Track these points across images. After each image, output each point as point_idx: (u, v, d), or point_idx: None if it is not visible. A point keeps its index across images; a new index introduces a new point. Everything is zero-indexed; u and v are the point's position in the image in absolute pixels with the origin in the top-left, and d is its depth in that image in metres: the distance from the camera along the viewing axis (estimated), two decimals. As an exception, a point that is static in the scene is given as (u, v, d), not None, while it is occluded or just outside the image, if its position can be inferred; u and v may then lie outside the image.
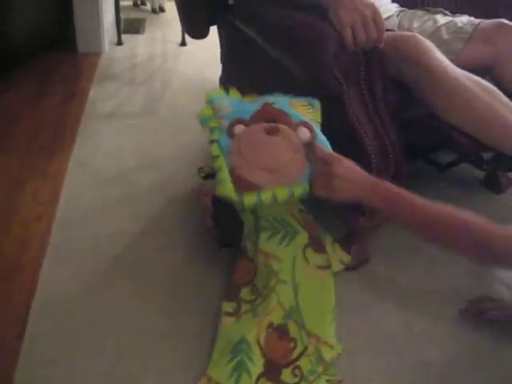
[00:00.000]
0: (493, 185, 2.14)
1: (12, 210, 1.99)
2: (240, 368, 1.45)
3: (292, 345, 1.52)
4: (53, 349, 1.53)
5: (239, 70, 2.13)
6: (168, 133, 2.46)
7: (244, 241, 1.68)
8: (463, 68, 1.61)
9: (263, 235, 1.63)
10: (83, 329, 1.59)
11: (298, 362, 1.50)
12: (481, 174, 2.19)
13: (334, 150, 1.66)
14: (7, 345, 1.54)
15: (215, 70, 2.42)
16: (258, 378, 1.46)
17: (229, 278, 1.71)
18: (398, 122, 1.62)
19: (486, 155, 2.05)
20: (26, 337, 1.55)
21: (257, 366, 1.47)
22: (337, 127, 1.61)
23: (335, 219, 1.79)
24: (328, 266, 1.64)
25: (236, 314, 1.58)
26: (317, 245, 1.65)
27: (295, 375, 1.48)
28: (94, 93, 2.76)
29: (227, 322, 1.57)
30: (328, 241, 1.72)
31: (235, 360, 1.46)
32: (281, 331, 1.54)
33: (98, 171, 2.19)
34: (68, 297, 1.68)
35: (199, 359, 1.53)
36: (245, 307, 1.59)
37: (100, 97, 2.73)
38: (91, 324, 1.61)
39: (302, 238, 1.64)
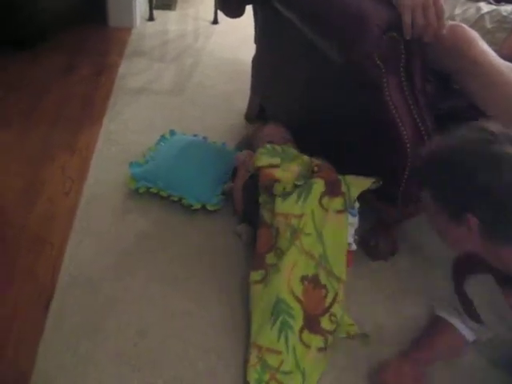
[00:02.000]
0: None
1: (40, 183, 2.00)
2: (285, 327, 1.49)
3: (324, 292, 1.57)
4: (77, 324, 1.54)
5: (273, 52, 2.10)
6: (197, 112, 2.44)
7: (261, 210, 1.70)
8: (506, 58, 1.56)
9: (279, 199, 1.66)
10: (107, 306, 1.60)
11: (331, 309, 1.55)
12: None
13: (368, 137, 1.64)
14: (34, 316, 1.55)
15: (247, 50, 2.39)
16: (300, 331, 1.50)
17: (252, 250, 1.71)
18: (436, 113, 1.58)
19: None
20: (51, 309, 1.57)
21: (297, 321, 1.51)
22: (373, 115, 1.58)
23: (365, 207, 1.76)
24: (344, 210, 1.64)
25: (264, 280, 1.60)
26: (332, 190, 1.66)
27: (332, 322, 1.54)
28: (123, 68, 2.74)
29: (257, 289, 1.59)
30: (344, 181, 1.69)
31: (278, 321, 1.50)
32: (313, 281, 1.58)
33: (126, 147, 2.19)
34: (93, 273, 1.69)
35: (221, 340, 1.54)
36: (270, 271, 1.60)
37: (130, 72, 2.71)
38: (115, 302, 1.61)
39: (318, 187, 1.66)
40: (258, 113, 2.37)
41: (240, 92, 2.51)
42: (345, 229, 1.63)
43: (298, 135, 1.99)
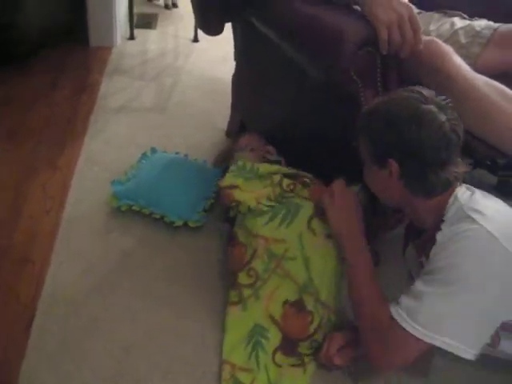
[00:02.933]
0: (505, 191, 2.12)
1: (22, 201, 1.99)
2: (256, 347, 1.51)
3: (309, 318, 1.55)
4: (60, 343, 1.53)
5: (252, 69, 2.12)
6: (177, 129, 2.45)
7: (235, 228, 1.71)
8: (481, 73, 1.59)
9: (260, 220, 1.65)
10: (90, 325, 1.59)
11: (314, 336, 1.54)
12: (493, 178, 2.17)
13: (349, 149, 1.66)
14: (15, 337, 1.54)
15: (227, 67, 2.41)
16: (274, 353, 1.51)
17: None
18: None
19: (500, 160, 2.02)
20: (33, 330, 1.55)
21: (272, 341, 1.53)
22: (352, 128, 1.60)
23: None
24: None
25: (240, 301, 1.60)
26: (323, 212, 1.64)
27: (312, 347, 1.54)
28: (104, 87, 2.74)
29: (234, 310, 1.59)
30: None
31: (252, 341, 1.52)
32: (297, 306, 1.57)
33: (108, 165, 2.18)
34: (75, 292, 1.68)
35: (205, 355, 1.54)
36: (246, 292, 1.60)
37: (111, 91, 2.72)
38: (98, 320, 1.60)
39: (306, 210, 1.65)
40: (238, 129, 2.39)
41: (220, 109, 2.53)
42: (333, 254, 1.61)
43: (280, 149, 2.01)
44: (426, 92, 1.35)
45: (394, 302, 1.34)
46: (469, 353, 1.25)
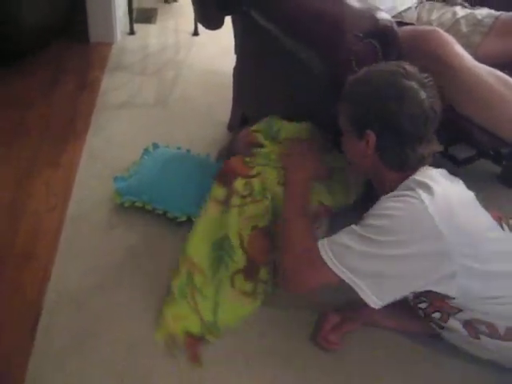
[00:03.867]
0: (509, 180, 2.12)
1: (25, 199, 1.99)
2: (220, 261, 1.58)
3: (272, 245, 1.62)
4: (65, 342, 1.53)
5: (253, 62, 2.11)
6: (179, 124, 2.45)
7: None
8: (482, 61, 1.59)
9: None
10: (95, 322, 1.59)
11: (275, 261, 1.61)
12: (497, 168, 2.16)
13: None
14: (22, 337, 1.54)
15: (228, 60, 2.40)
16: (234, 273, 1.58)
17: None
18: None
19: (504, 150, 2.02)
20: (39, 328, 1.56)
21: (236, 263, 1.58)
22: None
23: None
24: None
25: (225, 203, 1.65)
26: None
27: (269, 273, 1.63)
28: (105, 83, 2.74)
29: (214, 209, 1.66)
30: None
31: (217, 252, 1.59)
32: (264, 231, 1.63)
33: (110, 162, 2.18)
34: (80, 290, 1.68)
35: (212, 354, 1.53)
36: (235, 200, 1.64)
37: (112, 87, 2.71)
38: (103, 318, 1.60)
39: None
40: (240, 123, 2.38)
41: (222, 103, 2.52)
42: None
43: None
44: (409, 68, 1.38)
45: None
46: (373, 301, 1.29)
